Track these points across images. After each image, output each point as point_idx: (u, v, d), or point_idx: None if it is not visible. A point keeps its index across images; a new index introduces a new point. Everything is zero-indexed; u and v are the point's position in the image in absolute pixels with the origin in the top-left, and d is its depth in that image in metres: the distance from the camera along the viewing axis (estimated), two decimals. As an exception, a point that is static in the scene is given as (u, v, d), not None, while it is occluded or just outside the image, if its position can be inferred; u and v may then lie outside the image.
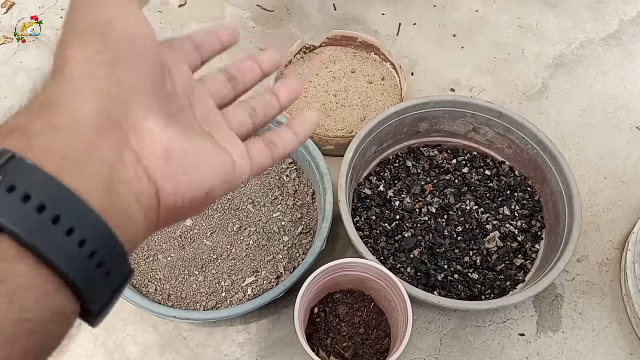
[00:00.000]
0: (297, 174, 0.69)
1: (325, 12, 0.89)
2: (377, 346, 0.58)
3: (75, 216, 0.19)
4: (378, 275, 0.55)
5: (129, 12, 0.24)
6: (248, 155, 0.28)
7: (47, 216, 0.18)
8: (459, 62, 0.83)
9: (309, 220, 0.66)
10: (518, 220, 0.66)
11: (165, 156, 0.23)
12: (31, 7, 0.89)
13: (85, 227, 0.19)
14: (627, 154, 0.75)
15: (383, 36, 0.86)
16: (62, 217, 0.19)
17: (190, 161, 0.24)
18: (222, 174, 0.26)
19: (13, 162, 0.18)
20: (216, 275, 0.61)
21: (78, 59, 0.22)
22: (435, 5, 0.90)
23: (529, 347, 0.61)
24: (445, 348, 0.61)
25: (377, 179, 0.69)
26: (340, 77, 0.77)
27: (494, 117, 0.66)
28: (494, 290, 0.62)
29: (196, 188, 0.25)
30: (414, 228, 0.65)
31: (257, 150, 0.29)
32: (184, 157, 0.24)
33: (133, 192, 0.22)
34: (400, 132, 0.68)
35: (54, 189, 0.19)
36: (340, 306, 0.59)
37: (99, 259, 0.20)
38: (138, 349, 0.61)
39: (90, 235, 0.19)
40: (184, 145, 0.24)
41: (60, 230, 0.19)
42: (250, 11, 0.89)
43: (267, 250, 0.63)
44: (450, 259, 0.63)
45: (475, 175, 0.69)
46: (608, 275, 0.65)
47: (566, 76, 0.82)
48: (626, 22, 0.88)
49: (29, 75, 0.82)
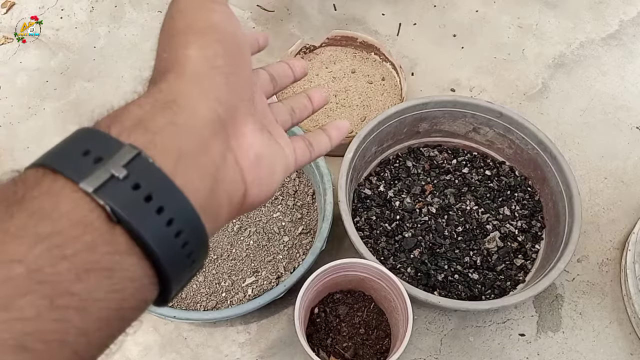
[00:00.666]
0: (297, 174, 0.69)
1: (325, 12, 0.89)
2: (377, 346, 0.58)
3: (187, 224, 0.20)
4: (378, 275, 0.55)
5: (233, 20, 0.26)
6: (294, 153, 0.30)
7: (164, 218, 0.20)
8: (459, 62, 0.83)
9: (309, 220, 0.66)
10: (518, 220, 0.66)
11: (256, 161, 0.25)
12: (31, 7, 0.89)
13: (193, 235, 0.21)
14: (627, 154, 0.75)
15: (383, 36, 0.86)
16: (174, 221, 0.20)
17: (271, 164, 0.26)
18: (284, 171, 0.28)
19: (138, 160, 0.20)
20: (216, 275, 0.61)
21: (199, 60, 0.24)
22: (435, 5, 0.90)
23: (529, 347, 0.61)
24: (445, 348, 0.61)
25: (377, 179, 0.69)
26: (340, 77, 0.77)
27: (494, 117, 0.66)
28: (494, 290, 0.62)
29: (273, 187, 0.27)
30: (414, 228, 0.65)
31: (300, 150, 0.31)
32: (267, 160, 0.26)
33: (227, 192, 0.24)
34: (400, 132, 0.68)
35: (173, 194, 0.20)
36: (340, 306, 0.59)
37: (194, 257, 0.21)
38: (138, 349, 0.61)
39: (193, 240, 0.21)
40: (268, 150, 0.26)
41: (171, 232, 0.20)
42: (250, 11, 0.89)
43: (267, 250, 0.63)
44: (450, 259, 0.63)
45: (475, 175, 0.69)
46: (608, 275, 0.65)
47: (566, 76, 0.82)
48: (626, 22, 0.88)
49: (29, 75, 0.82)
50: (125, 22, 0.88)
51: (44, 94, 0.81)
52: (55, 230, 0.18)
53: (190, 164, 0.21)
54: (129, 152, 0.19)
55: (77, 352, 0.18)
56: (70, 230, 0.18)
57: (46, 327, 0.17)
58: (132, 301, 0.19)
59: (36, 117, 0.79)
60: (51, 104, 0.80)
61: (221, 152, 0.23)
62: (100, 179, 0.19)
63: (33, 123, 0.78)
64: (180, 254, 0.20)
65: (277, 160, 0.28)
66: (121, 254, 0.19)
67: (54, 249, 0.17)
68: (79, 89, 0.81)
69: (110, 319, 0.19)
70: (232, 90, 0.24)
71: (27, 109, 0.79)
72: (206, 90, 0.23)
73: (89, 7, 0.89)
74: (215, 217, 0.23)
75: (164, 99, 0.22)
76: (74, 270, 0.17)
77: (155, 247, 0.19)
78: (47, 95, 0.80)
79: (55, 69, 0.83)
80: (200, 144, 0.22)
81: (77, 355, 0.18)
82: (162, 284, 0.20)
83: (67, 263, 0.17)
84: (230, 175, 0.24)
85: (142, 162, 0.20)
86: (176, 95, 0.22)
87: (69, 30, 0.87)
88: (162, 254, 0.19)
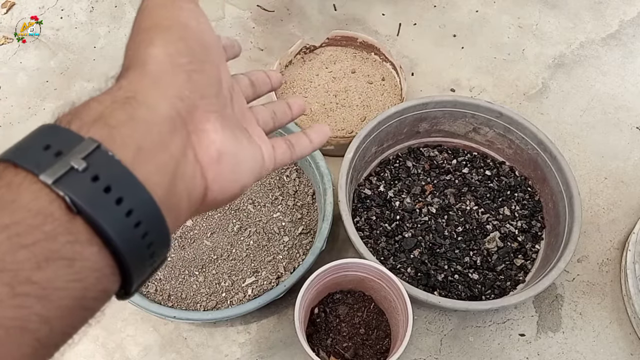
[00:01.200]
0: (297, 174, 0.69)
1: (325, 12, 0.89)
2: (377, 346, 0.58)
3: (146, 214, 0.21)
4: (378, 275, 0.55)
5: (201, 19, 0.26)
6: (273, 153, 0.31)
7: (123, 209, 0.20)
8: (459, 62, 0.83)
9: (309, 220, 0.66)
10: (518, 220, 0.66)
11: (217, 158, 0.25)
12: (31, 7, 0.89)
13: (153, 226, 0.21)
14: (627, 154, 0.75)
15: (383, 36, 0.86)
16: (134, 212, 0.20)
17: (236, 162, 0.26)
18: (256, 170, 0.29)
19: (98, 152, 0.20)
20: (216, 275, 0.61)
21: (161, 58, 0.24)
22: (435, 5, 0.90)
23: (529, 347, 0.61)
24: (445, 348, 0.61)
25: (377, 179, 0.69)
26: (340, 77, 0.77)
27: (493, 117, 0.66)
28: (494, 290, 0.62)
29: (237, 186, 0.27)
30: (414, 228, 0.65)
31: (281, 149, 0.32)
32: (232, 158, 0.26)
33: (187, 188, 0.24)
34: (400, 132, 0.68)
35: (132, 185, 0.21)
36: (340, 306, 0.59)
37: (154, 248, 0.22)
38: (138, 349, 0.61)
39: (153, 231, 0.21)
40: (232, 147, 0.26)
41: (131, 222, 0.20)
42: (250, 11, 0.89)
43: (267, 250, 0.63)
44: (450, 259, 0.63)
45: (475, 175, 0.69)
46: (608, 275, 0.65)
47: (566, 76, 0.82)
48: (626, 22, 0.88)
49: (29, 75, 0.82)
50: (125, 22, 0.88)
51: (44, 94, 0.81)
52: (15, 220, 0.18)
53: (149, 159, 0.22)
54: (89, 145, 0.20)
55: (39, 340, 0.18)
56: (30, 220, 0.18)
57: (6, 314, 0.17)
58: (94, 291, 0.20)
59: (36, 117, 0.79)
60: (51, 104, 0.80)
61: (181, 148, 0.23)
62: (60, 171, 0.19)
63: (33, 123, 0.77)
64: (140, 245, 0.21)
65: (246, 158, 0.28)
66: (82, 244, 0.19)
67: (14, 237, 0.18)
68: (79, 89, 0.81)
69: (72, 308, 0.19)
70: (195, 87, 0.25)
71: (27, 109, 0.79)
72: (167, 87, 0.24)
73: (89, 7, 0.89)
74: (175, 212, 0.23)
75: (124, 95, 0.23)
76: (34, 259, 0.18)
77: (114, 237, 0.20)
78: (47, 95, 0.80)
79: (55, 69, 0.83)
80: (159, 140, 0.22)
81: (39, 343, 0.18)
82: (123, 275, 0.21)
83: (27, 252, 0.18)
84: (189, 171, 0.24)
85: (102, 155, 0.20)
86: (136, 92, 0.23)
87: (69, 30, 0.87)
88: (122, 243, 0.20)
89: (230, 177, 0.26)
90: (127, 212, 0.20)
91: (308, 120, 0.72)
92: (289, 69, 0.77)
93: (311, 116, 0.73)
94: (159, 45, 0.24)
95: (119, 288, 0.21)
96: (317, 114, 0.73)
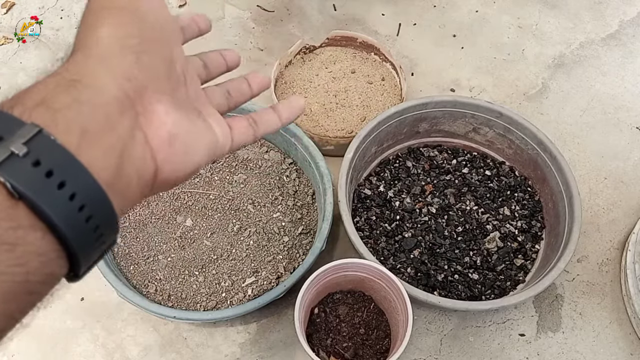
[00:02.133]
0: (297, 174, 0.69)
1: (325, 12, 0.89)
2: (377, 346, 0.58)
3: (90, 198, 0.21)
4: (378, 276, 0.55)
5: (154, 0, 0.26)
6: (230, 133, 0.30)
7: (66, 193, 0.20)
8: (458, 62, 0.83)
9: (309, 220, 0.66)
10: (518, 220, 0.66)
11: (168, 139, 0.25)
12: (31, 7, 0.89)
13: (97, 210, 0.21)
14: (627, 154, 0.75)
15: (383, 36, 0.86)
16: (77, 196, 0.20)
17: (188, 143, 0.26)
18: (210, 151, 0.28)
19: (40, 137, 0.20)
20: (216, 275, 0.61)
21: (109, 40, 0.24)
22: (435, 5, 0.90)
23: (529, 347, 0.61)
24: (445, 348, 0.61)
25: (377, 179, 0.69)
26: (340, 77, 0.77)
27: (493, 117, 0.66)
28: (494, 290, 0.62)
29: (189, 167, 0.27)
30: (414, 228, 0.65)
31: (240, 129, 0.31)
32: (183, 139, 0.26)
33: (136, 169, 0.24)
34: (400, 132, 0.68)
35: (74, 169, 0.20)
36: (340, 306, 0.59)
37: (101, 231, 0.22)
38: (138, 349, 0.61)
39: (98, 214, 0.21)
40: (184, 128, 0.26)
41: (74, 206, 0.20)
42: (250, 11, 0.89)
43: (267, 250, 0.63)
44: (450, 259, 0.63)
45: (475, 175, 0.69)
46: (608, 275, 0.65)
47: (566, 76, 0.82)
48: (626, 22, 0.88)
49: (29, 75, 0.82)
50: (125, 22, 0.88)
51: (44, 94, 0.80)
52: None
53: (94, 141, 0.21)
54: (30, 130, 0.20)
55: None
56: None
57: None
58: (39, 275, 0.20)
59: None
60: (51, 104, 0.80)
61: (129, 129, 0.23)
62: (0, 157, 0.19)
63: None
64: (85, 228, 0.21)
65: (199, 139, 0.27)
66: (25, 229, 0.19)
67: None
68: (79, 89, 0.81)
69: (16, 292, 0.19)
70: (143, 68, 0.24)
71: (27, 109, 0.79)
72: (114, 68, 0.23)
73: (89, 7, 0.89)
74: (123, 194, 0.23)
75: (69, 77, 0.22)
76: None
77: (57, 221, 0.20)
78: (47, 95, 0.80)
79: (55, 69, 0.83)
80: (105, 122, 0.22)
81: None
82: (70, 259, 0.21)
83: None
84: (138, 152, 0.24)
85: (43, 140, 0.20)
86: (82, 74, 0.23)
87: (69, 30, 0.87)
88: (66, 227, 0.20)
89: (182, 159, 0.26)
90: (70, 195, 0.20)
91: (308, 120, 0.72)
92: (288, 69, 0.77)
93: (311, 116, 0.73)
94: (108, 26, 0.24)
95: (68, 271, 0.22)
96: (317, 114, 0.73)
